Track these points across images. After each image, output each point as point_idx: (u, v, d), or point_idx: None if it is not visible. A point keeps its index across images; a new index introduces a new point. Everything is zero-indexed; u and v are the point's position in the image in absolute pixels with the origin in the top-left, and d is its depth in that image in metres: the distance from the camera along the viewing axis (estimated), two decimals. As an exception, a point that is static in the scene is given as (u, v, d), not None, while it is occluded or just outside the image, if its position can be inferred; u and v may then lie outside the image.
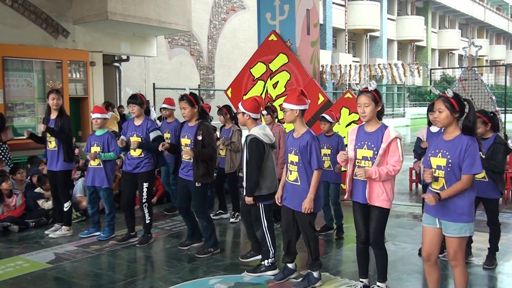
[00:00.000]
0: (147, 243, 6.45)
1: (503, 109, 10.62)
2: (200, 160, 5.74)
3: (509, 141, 9.90)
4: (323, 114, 6.65)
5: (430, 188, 3.96)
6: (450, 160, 3.79)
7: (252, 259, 5.63)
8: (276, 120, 7.50)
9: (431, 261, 4.04)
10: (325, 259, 5.73)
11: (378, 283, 4.56)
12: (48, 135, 6.78)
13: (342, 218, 6.71)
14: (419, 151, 5.85)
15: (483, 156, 5.18)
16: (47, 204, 7.69)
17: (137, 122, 6.41)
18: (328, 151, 6.46)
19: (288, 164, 4.87)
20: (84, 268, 5.62)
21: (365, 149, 4.34)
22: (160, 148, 6.08)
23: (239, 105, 5.28)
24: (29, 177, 8.30)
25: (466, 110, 3.86)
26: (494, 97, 10.09)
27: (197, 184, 5.78)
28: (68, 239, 6.76)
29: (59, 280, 5.25)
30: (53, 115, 6.80)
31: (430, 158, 3.94)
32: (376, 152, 4.27)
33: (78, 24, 12.95)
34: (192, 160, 5.78)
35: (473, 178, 3.79)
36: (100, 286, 5.06)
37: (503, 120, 10.00)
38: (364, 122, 4.44)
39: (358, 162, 4.39)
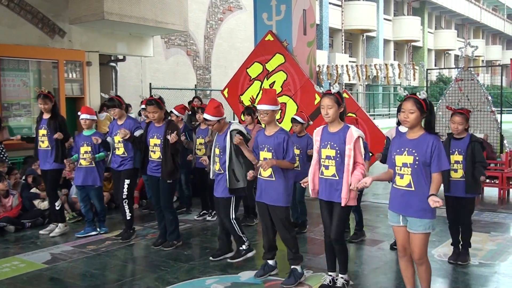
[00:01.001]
0: (129, 238, 6.60)
1: (499, 109, 10.62)
2: (169, 156, 5.96)
3: (505, 142, 9.98)
4: (294, 116, 6.85)
5: (394, 186, 4.08)
6: (417, 158, 3.92)
7: (223, 257, 5.74)
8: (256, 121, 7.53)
9: (408, 256, 4.14)
10: (321, 259, 5.73)
11: (340, 275, 4.73)
12: (40, 134, 6.88)
13: (306, 214, 7.04)
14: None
15: (458, 157, 5.36)
16: (43, 204, 7.67)
17: (120, 122, 6.61)
18: (298, 151, 6.55)
19: (261, 161, 4.97)
20: (80, 268, 5.61)
21: (328, 148, 4.51)
22: None
23: (208, 116, 5.43)
24: (23, 178, 8.27)
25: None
26: (490, 97, 10.11)
27: (168, 181, 6.02)
28: (64, 239, 6.75)
29: (55, 280, 5.24)
30: (46, 116, 6.94)
31: (395, 156, 4.04)
32: (338, 152, 4.43)
33: (74, 24, 12.92)
34: (160, 158, 6.04)
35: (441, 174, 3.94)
36: (96, 286, 5.05)
37: (499, 120, 10.00)
38: (327, 123, 4.59)
39: (322, 161, 4.55)
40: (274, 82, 9.46)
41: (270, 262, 5.22)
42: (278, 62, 9.43)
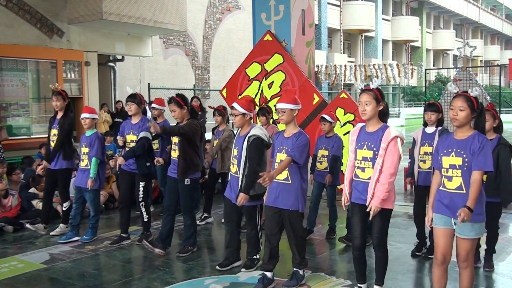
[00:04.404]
0: (147, 240, 6.43)
1: (498, 109, 10.65)
2: (185, 156, 5.79)
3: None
4: (323, 115, 6.55)
5: (441, 188, 3.88)
6: (466, 159, 3.74)
7: (230, 266, 5.48)
8: (271, 121, 7.46)
9: (446, 264, 3.95)
10: (320, 259, 5.75)
11: (376, 286, 4.49)
12: (52, 133, 6.90)
13: (336, 219, 6.70)
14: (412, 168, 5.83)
15: None
16: (41, 204, 7.66)
17: (134, 121, 6.46)
18: (326, 152, 6.41)
19: (277, 164, 4.79)
20: (79, 268, 5.61)
21: (365, 149, 4.24)
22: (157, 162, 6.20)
23: (238, 106, 5.15)
24: (23, 178, 8.27)
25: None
26: (488, 97, 10.13)
27: (186, 182, 5.82)
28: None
29: (54, 280, 5.23)
30: (59, 116, 6.93)
31: (442, 157, 3.85)
32: (376, 153, 4.17)
33: (73, 24, 12.93)
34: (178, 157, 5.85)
35: (483, 174, 3.74)
36: (95, 286, 5.05)
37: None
38: (365, 123, 4.35)
39: (358, 163, 4.29)
40: (272, 82, 9.47)
41: (268, 274, 4.90)
42: (276, 62, 9.44)
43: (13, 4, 11.79)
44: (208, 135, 8.90)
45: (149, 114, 12.78)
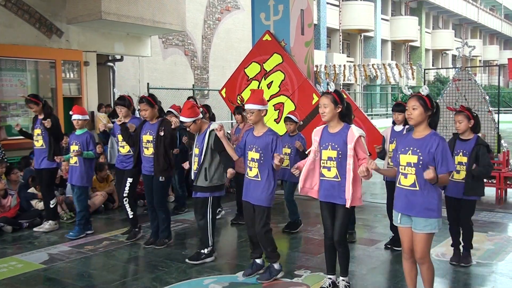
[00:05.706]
0: (135, 237, 6.57)
1: (497, 109, 10.65)
2: (161, 153, 6.00)
3: (502, 141, 10.00)
4: (289, 115, 6.92)
5: (398, 185, 4.04)
6: (421, 158, 3.88)
7: (202, 261, 5.67)
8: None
9: (413, 258, 4.09)
10: (319, 259, 5.74)
11: (341, 278, 4.71)
12: (35, 133, 7.04)
13: (296, 213, 6.95)
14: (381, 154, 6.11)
15: (463, 158, 5.30)
16: (40, 205, 7.66)
17: (125, 121, 6.57)
18: (289, 150, 6.74)
19: (248, 161, 5.01)
20: (78, 268, 5.61)
21: (329, 149, 4.48)
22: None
23: (183, 118, 5.47)
24: (22, 178, 8.26)
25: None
26: (487, 97, 10.13)
27: (160, 179, 6.04)
28: (62, 240, 6.74)
29: (53, 280, 5.23)
30: (40, 116, 7.07)
31: (400, 155, 4.01)
32: (340, 153, 4.40)
33: (72, 23, 12.90)
34: (153, 154, 6.07)
35: (449, 175, 3.89)
36: (94, 286, 5.05)
37: (496, 120, 10.02)
38: (327, 124, 4.58)
39: (323, 163, 4.52)
40: (272, 82, 9.46)
41: (258, 261, 5.21)
42: (276, 62, 9.43)
43: (12, 4, 11.77)
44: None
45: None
